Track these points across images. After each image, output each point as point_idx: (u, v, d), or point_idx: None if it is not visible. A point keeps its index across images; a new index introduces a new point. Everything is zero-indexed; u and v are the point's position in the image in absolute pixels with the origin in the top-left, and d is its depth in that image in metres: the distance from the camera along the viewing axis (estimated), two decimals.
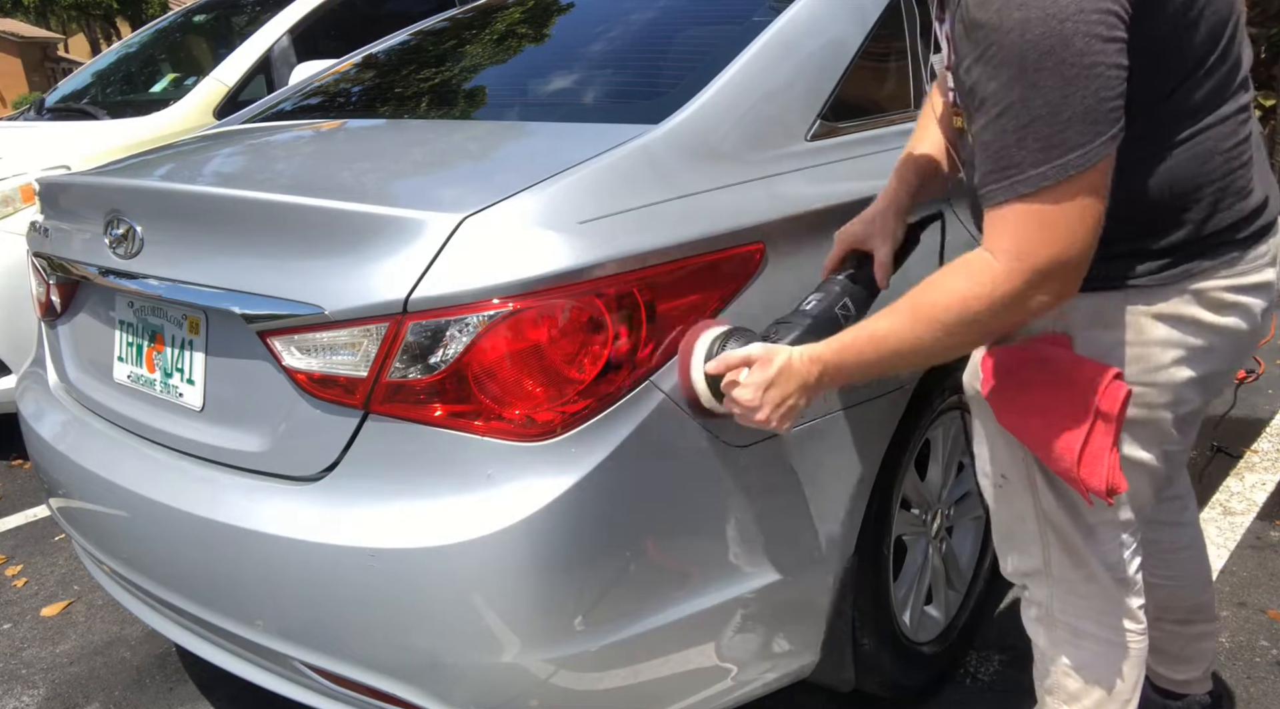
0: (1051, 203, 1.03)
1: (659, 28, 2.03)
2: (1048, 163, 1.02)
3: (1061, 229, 1.04)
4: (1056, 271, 1.07)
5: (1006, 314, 1.10)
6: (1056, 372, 1.20)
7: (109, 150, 3.39)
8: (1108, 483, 1.18)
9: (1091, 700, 1.42)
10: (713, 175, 1.46)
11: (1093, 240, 1.07)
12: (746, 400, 1.23)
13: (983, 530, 2.13)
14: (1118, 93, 1.01)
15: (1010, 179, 1.04)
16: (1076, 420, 1.17)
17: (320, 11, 4.10)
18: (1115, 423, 1.17)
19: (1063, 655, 1.43)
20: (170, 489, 1.50)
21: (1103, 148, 1.02)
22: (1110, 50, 0.99)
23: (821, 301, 1.35)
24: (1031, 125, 1.01)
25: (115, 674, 2.23)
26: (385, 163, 1.61)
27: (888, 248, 1.41)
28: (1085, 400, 1.17)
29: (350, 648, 1.36)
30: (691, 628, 1.41)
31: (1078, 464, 1.18)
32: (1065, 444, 1.18)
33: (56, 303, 1.88)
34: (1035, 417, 1.22)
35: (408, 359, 1.27)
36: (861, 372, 1.22)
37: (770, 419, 1.23)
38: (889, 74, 1.89)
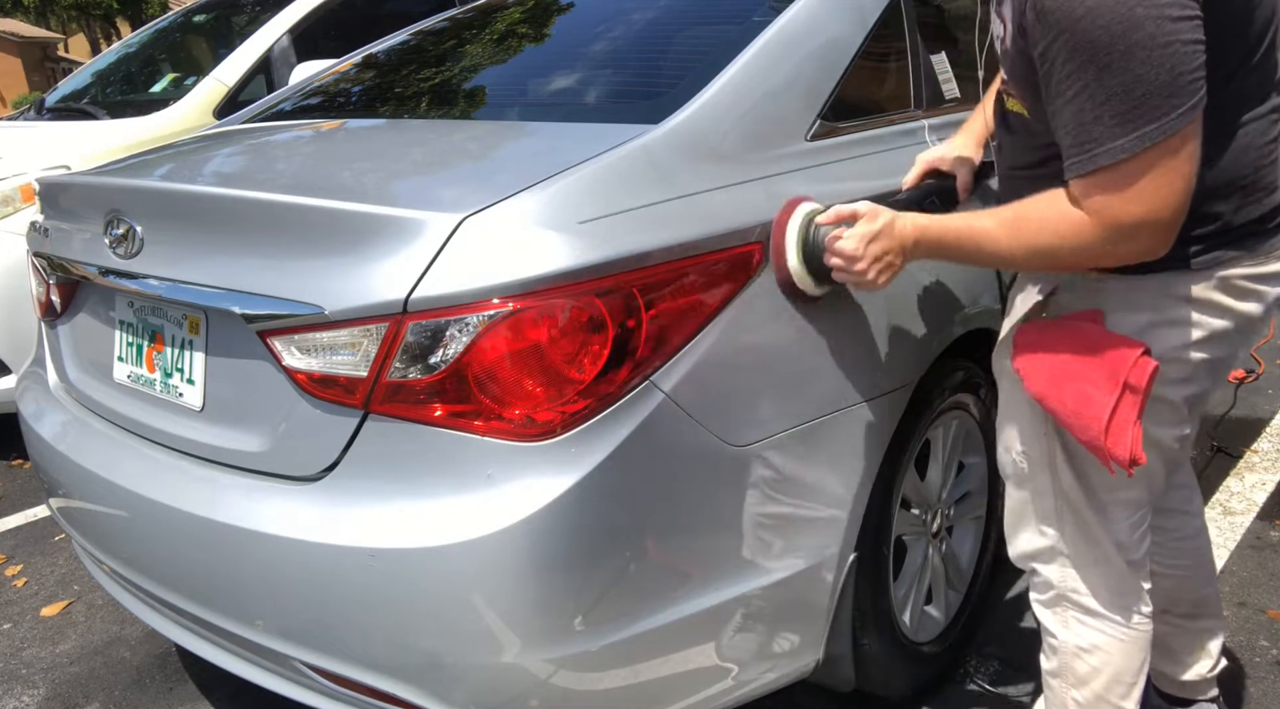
0: (1132, 171, 1.10)
1: (659, 27, 2.03)
2: (1125, 136, 1.08)
3: (1147, 193, 1.11)
4: (1142, 230, 1.14)
5: (1088, 258, 1.20)
6: (1089, 343, 1.25)
7: (109, 150, 3.39)
8: (1130, 452, 1.22)
9: (1100, 683, 1.44)
10: (713, 175, 1.46)
11: (1181, 202, 1.12)
12: (850, 250, 1.32)
13: (983, 530, 2.13)
14: (1194, 66, 1.06)
15: (1089, 153, 1.11)
16: (1106, 390, 1.22)
17: (320, 11, 4.10)
18: (1142, 396, 1.21)
19: (1072, 637, 1.45)
20: (170, 489, 1.50)
21: (1181, 119, 1.07)
22: (1184, 28, 1.04)
23: (911, 193, 1.53)
24: (1107, 103, 1.07)
25: (115, 674, 2.23)
26: (385, 163, 1.61)
27: (968, 170, 1.60)
28: (1115, 372, 1.22)
29: (350, 648, 1.36)
30: (691, 628, 1.41)
31: (1105, 432, 1.22)
32: (1094, 413, 1.23)
33: (56, 303, 1.88)
34: (1065, 385, 1.26)
35: (408, 359, 1.27)
36: (952, 252, 1.31)
37: (868, 271, 1.32)
38: (889, 74, 1.89)
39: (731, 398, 1.39)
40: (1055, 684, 1.51)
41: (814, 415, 1.50)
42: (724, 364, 1.38)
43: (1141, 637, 1.44)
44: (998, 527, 2.19)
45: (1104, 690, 1.45)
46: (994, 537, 2.18)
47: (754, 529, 1.46)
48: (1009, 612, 2.24)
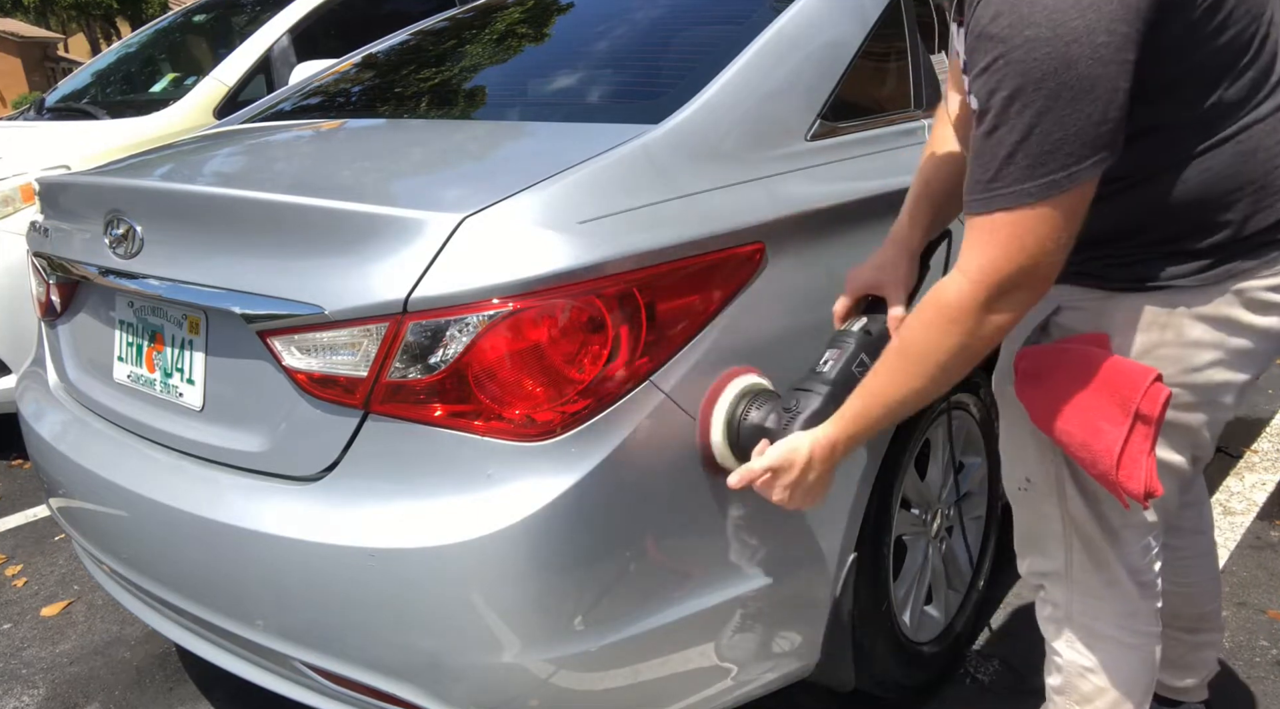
0: (1026, 220, 1.04)
1: (659, 27, 2.03)
2: (1032, 180, 1.02)
3: (1031, 246, 1.05)
4: (1021, 284, 1.08)
5: (981, 330, 1.11)
6: (1095, 372, 1.19)
7: (109, 150, 3.39)
8: (1145, 486, 1.16)
9: (1105, 702, 1.42)
10: (713, 175, 1.46)
11: (1060, 258, 1.07)
12: (781, 501, 1.30)
13: (983, 530, 2.13)
14: (1114, 117, 1.01)
15: (993, 192, 1.05)
16: (1116, 422, 1.16)
17: (320, 11, 4.10)
18: (1155, 426, 1.15)
19: (1078, 656, 1.42)
20: (170, 489, 1.50)
21: (1090, 170, 1.02)
22: (1113, 74, 0.99)
23: (838, 362, 1.35)
24: (1023, 142, 1.01)
25: (115, 674, 2.23)
26: (385, 163, 1.61)
27: (901, 293, 1.40)
28: (1125, 402, 1.15)
29: (350, 648, 1.36)
30: (691, 628, 1.41)
31: (1116, 466, 1.16)
32: (1104, 446, 1.17)
33: (56, 303, 1.88)
34: (1073, 418, 1.20)
35: (408, 359, 1.27)
36: (876, 428, 1.25)
37: (797, 502, 1.30)
38: (889, 74, 1.89)
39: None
40: (1060, 701, 1.48)
41: None
42: (724, 364, 1.38)
43: (1148, 658, 1.41)
44: (998, 527, 2.19)
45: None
46: (994, 537, 2.18)
47: (754, 529, 1.46)
48: (1009, 612, 2.24)
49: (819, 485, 1.30)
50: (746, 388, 1.38)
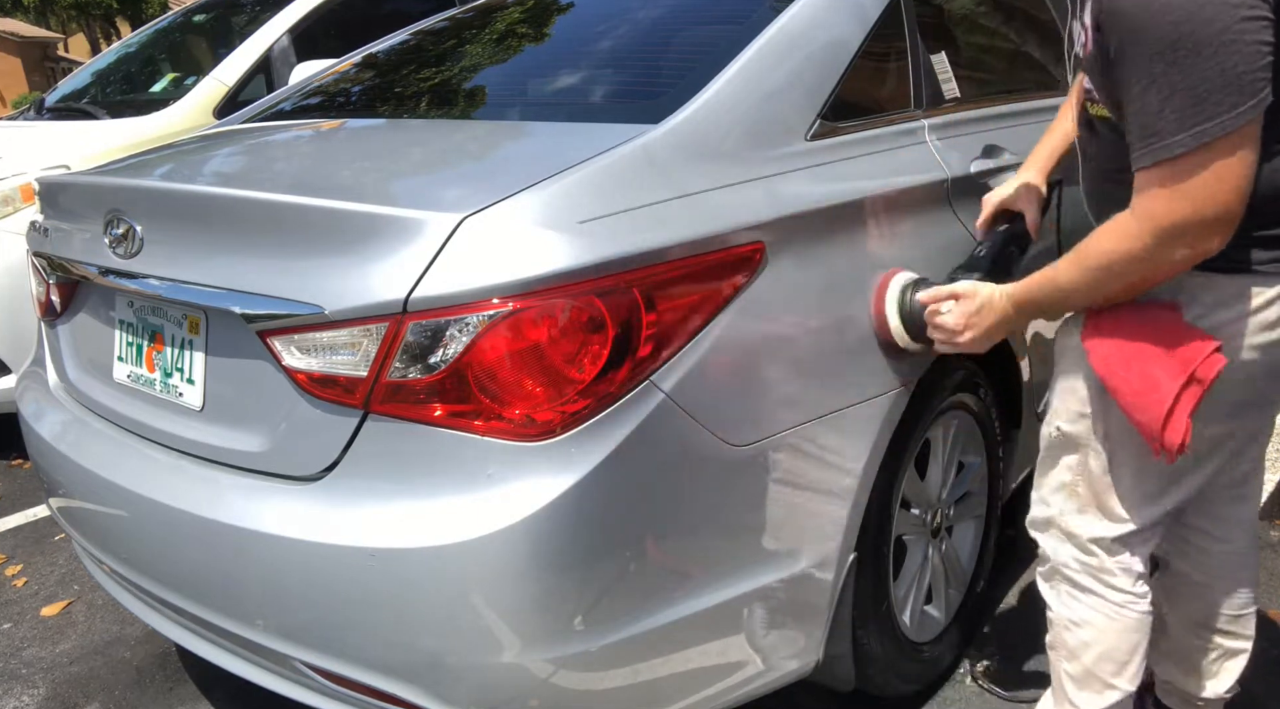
0: (1188, 168, 1.12)
1: (659, 27, 2.03)
2: (1184, 131, 1.10)
3: (1196, 191, 1.13)
4: (1189, 230, 1.16)
5: (1144, 267, 1.22)
6: (1163, 331, 1.28)
7: (109, 150, 3.39)
8: (1181, 441, 1.25)
9: (1089, 658, 1.49)
10: (713, 175, 1.46)
11: (1234, 201, 1.14)
12: (953, 324, 1.46)
13: (983, 530, 2.13)
14: (1258, 65, 1.08)
15: (1150, 146, 1.14)
16: (1174, 378, 1.25)
17: (320, 11, 4.09)
18: (1204, 390, 1.24)
19: (1063, 610, 1.51)
20: (170, 489, 1.50)
21: (1241, 117, 1.09)
22: (1251, 28, 1.06)
23: (993, 246, 1.59)
24: (1171, 98, 1.10)
25: (115, 674, 2.23)
26: (385, 163, 1.61)
27: (1035, 208, 1.63)
28: (1186, 362, 1.24)
29: (350, 648, 1.36)
30: (691, 628, 1.41)
31: (1165, 419, 1.25)
32: (1158, 397, 1.26)
33: (56, 302, 1.88)
34: (1133, 368, 1.29)
35: (408, 359, 1.27)
36: (1046, 306, 1.39)
37: (971, 341, 1.46)
38: (889, 74, 1.89)
39: (731, 398, 1.39)
40: (1052, 657, 1.57)
41: (814, 415, 1.50)
42: (724, 364, 1.38)
43: (1132, 618, 1.47)
44: (998, 527, 2.19)
45: (1093, 665, 1.49)
46: (994, 537, 2.18)
47: (754, 529, 1.46)
48: (1009, 612, 2.24)
49: (992, 329, 1.44)
50: (908, 279, 1.58)
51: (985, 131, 2.02)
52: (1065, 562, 1.49)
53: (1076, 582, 1.49)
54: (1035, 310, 1.41)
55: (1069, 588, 1.50)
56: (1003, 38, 2.39)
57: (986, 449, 2.06)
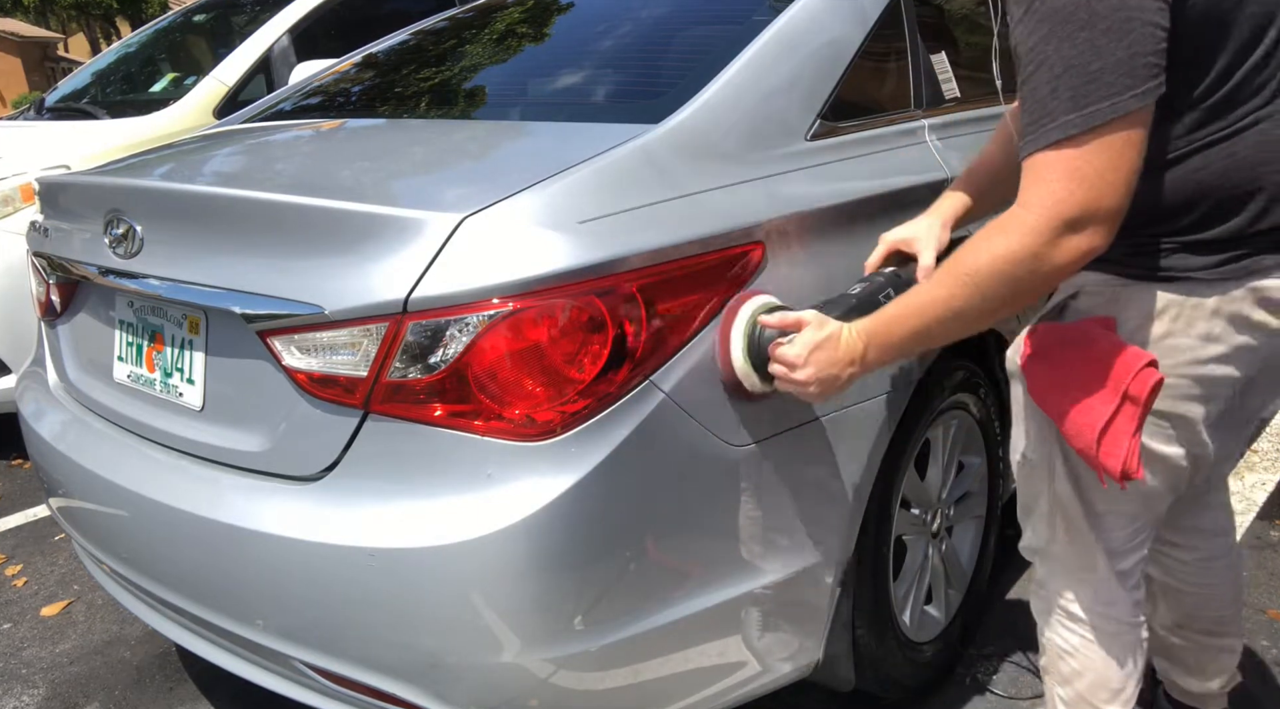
0: (1080, 151, 1.06)
1: (659, 27, 2.03)
2: (1076, 111, 1.05)
3: (1090, 177, 1.06)
4: (1085, 221, 1.08)
5: (1038, 267, 1.11)
6: (1094, 350, 1.22)
7: (109, 150, 3.39)
8: (1124, 466, 1.19)
9: (1084, 684, 1.45)
10: (713, 175, 1.46)
11: (1124, 193, 1.08)
12: (793, 357, 1.27)
13: (983, 530, 2.13)
14: (1153, 49, 1.04)
15: (1043, 128, 1.07)
16: (1104, 400, 1.18)
17: (320, 11, 4.10)
18: (1142, 408, 1.18)
19: (1056, 637, 1.47)
20: (170, 489, 1.50)
21: (1134, 100, 1.04)
22: (1148, 7, 1.03)
23: (866, 288, 1.40)
24: (1064, 76, 1.05)
25: (115, 674, 2.23)
26: (385, 162, 1.61)
27: (932, 252, 1.44)
28: (1117, 381, 1.18)
29: (350, 647, 1.36)
30: (691, 628, 1.41)
31: (1098, 443, 1.19)
32: (1089, 421, 1.20)
33: (56, 302, 1.88)
34: (1065, 391, 1.23)
35: (408, 359, 1.27)
36: (907, 343, 1.25)
37: (811, 382, 1.27)
38: (889, 74, 1.89)
39: (731, 398, 1.39)
40: (1046, 680, 1.54)
41: (814, 415, 1.50)
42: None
43: (1126, 645, 1.42)
44: (998, 527, 2.19)
45: (1086, 692, 1.45)
46: (994, 537, 2.18)
47: (754, 529, 1.46)
48: (1009, 612, 2.24)
49: (836, 371, 1.26)
50: (762, 305, 1.38)
51: (985, 131, 2.01)
52: (1059, 590, 1.44)
53: (1068, 610, 1.44)
54: (894, 346, 1.25)
55: (1061, 616, 1.45)
56: (1003, 37, 2.39)
57: (986, 449, 2.06)
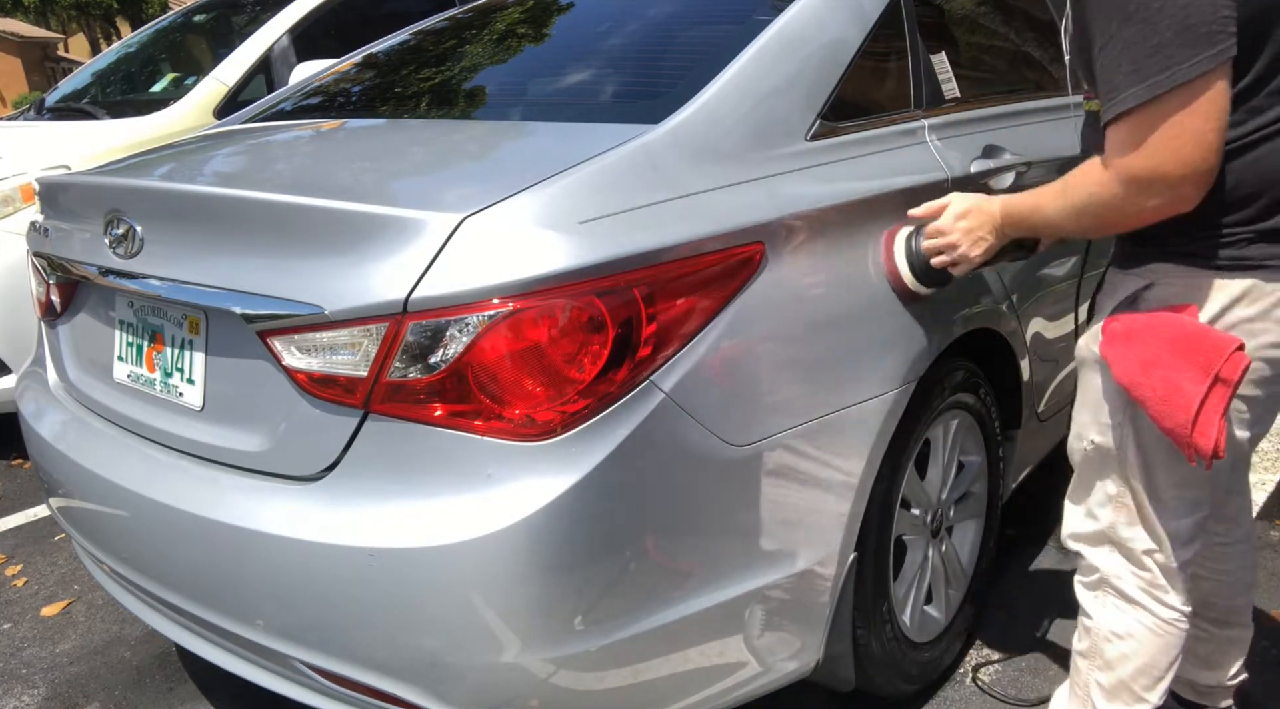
0: (1145, 121, 1.14)
1: (659, 27, 2.03)
2: (1138, 83, 1.13)
3: (1156, 146, 1.15)
4: (1155, 185, 1.17)
5: (1119, 214, 1.25)
6: (1182, 335, 1.27)
7: (109, 150, 3.39)
8: (1214, 445, 1.24)
9: (1126, 671, 1.47)
10: (713, 175, 1.46)
11: (1197, 155, 1.14)
12: (942, 225, 1.50)
13: (983, 530, 2.13)
14: (1212, 17, 1.09)
15: (1110, 101, 1.17)
16: (1197, 381, 1.24)
17: (320, 11, 4.09)
18: (1232, 390, 1.23)
19: (1107, 621, 1.48)
20: (170, 489, 1.50)
21: (1195, 67, 1.10)
22: None
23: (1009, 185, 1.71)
24: (1125, 52, 1.13)
25: (115, 674, 2.23)
26: (385, 162, 1.61)
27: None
28: (1209, 364, 1.23)
29: (350, 647, 1.36)
30: (691, 628, 1.41)
31: (1193, 423, 1.24)
32: (1183, 402, 1.25)
33: (56, 302, 1.88)
34: (1156, 375, 1.28)
35: (408, 359, 1.27)
36: (1030, 222, 1.40)
37: (961, 244, 1.48)
38: (889, 74, 1.89)
39: (732, 398, 1.39)
40: (1083, 665, 1.54)
41: (814, 415, 1.50)
42: (724, 364, 1.38)
43: (1175, 633, 1.45)
44: (998, 527, 2.19)
45: (1129, 678, 1.47)
46: (994, 537, 2.18)
47: (754, 529, 1.46)
48: (1009, 612, 2.24)
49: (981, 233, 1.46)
50: (910, 229, 1.61)
51: (985, 131, 2.02)
52: (1117, 573, 1.47)
53: (1126, 594, 1.46)
54: (1019, 225, 1.42)
55: (1117, 600, 1.48)
56: (1003, 38, 2.39)
57: (986, 449, 2.06)
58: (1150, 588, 1.45)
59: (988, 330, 1.91)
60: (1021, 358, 2.06)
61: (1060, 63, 2.43)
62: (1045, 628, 2.17)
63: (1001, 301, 1.92)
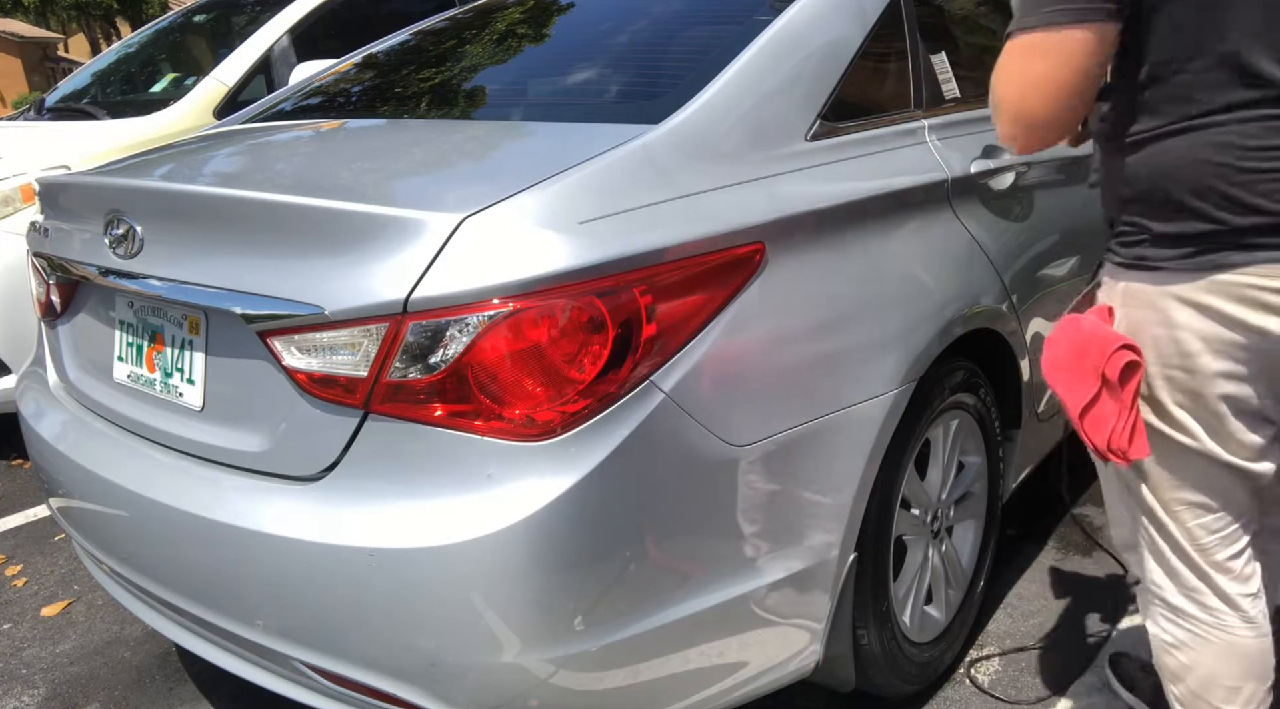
0: (1010, 51, 1.22)
1: (659, 27, 2.03)
2: (1014, 21, 1.21)
3: (1009, 76, 1.22)
4: (999, 108, 1.25)
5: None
6: (1083, 335, 1.31)
7: (109, 150, 3.39)
8: (1108, 444, 1.27)
9: (1193, 682, 1.43)
10: (713, 175, 1.46)
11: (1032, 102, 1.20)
12: None
13: (983, 530, 2.13)
14: None
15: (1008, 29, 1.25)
16: (1085, 381, 1.28)
17: (320, 11, 4.09)
18: (1122, 390, 1.25)
19: (1158, 631, 1.47)
20: (170, 489, 1.50)
21: (1055, 15, 1.16)
22: None
23: None
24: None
25: (115, 674, 2.23)
26: (385, 163, 1.60)
27: None
28: (1095, 364, 1.27)
29: (350, 648, 1.36)
30: (691, 628, 1.41)
31: (1080, 420, 1.29)
32: (1075, 401, 1.30)
33: (56, 303, 1.88)
34: (1060, 376, 1.33)
35: (408, 359, 1.27)
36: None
37: None
38: (889, 74, 1.89)
39: (732, 398, 1.39)
40: (1160, 676, 1.52)
41: (814, 415, 1.50)
42: (724, 364, 1.38)
43: (1236, 641, 1.39)
44: (998, 527, 2.19)
45: (1200, 690, 1.43)
46: (994, 537, 2.18)
47: (754, 529, 1.46)
48: (1009, 612, 2.24)
49: None
50: None
51: (985, 131, 2.02)
52: (1155, 581, 1.44)
53: (1169, 602, 1.43)
54: None
55: (1163, 609, 1.45)
56: (1003, 38, 2.39)
57: (986, 449, 2.06)
58: (1190, 594, 1.40)
59: (988, 330, 1.91)
60: (1021, 358, 2.06)
61: None
62: (1045, 628, 2.17)
63: (1001, 302, 1.92)
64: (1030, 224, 2.10)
